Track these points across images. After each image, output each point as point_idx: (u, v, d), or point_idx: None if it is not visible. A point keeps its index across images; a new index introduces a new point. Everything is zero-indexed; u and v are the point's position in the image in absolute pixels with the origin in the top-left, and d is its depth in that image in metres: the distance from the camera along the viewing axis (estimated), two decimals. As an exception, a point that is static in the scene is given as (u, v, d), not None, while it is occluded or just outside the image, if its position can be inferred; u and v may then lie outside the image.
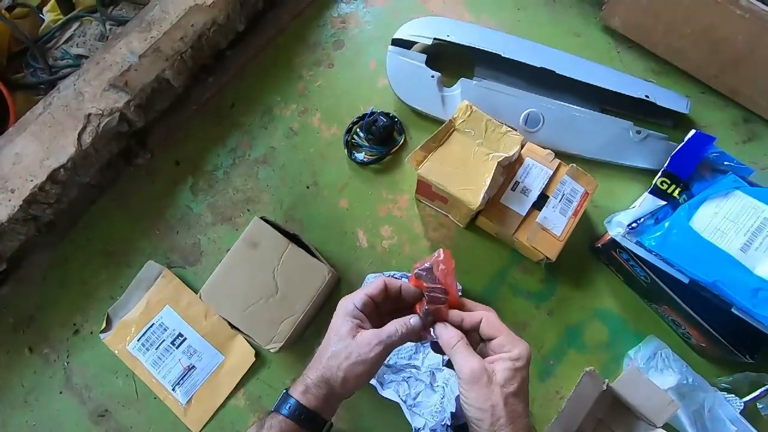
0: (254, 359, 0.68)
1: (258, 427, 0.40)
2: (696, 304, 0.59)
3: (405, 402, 0.62)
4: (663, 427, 0.59)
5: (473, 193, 0.62)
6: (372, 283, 0.44)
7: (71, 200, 0.73)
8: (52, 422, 0.69)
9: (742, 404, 0.60)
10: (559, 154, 0.69)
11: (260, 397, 0.68)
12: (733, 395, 0.62)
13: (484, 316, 0.42)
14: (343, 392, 0.41)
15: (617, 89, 0.74)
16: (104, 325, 0.71)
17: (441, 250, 0.48)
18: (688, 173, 0.62)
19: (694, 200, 0.60)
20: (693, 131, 0.64)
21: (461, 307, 0.45)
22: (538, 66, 0.75)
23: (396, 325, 0.41)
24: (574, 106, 0.75)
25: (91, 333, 0.72)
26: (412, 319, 0.42)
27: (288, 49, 0.85)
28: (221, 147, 0.80)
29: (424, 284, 0.44)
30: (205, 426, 0.67)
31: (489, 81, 0.77)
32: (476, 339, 0.43)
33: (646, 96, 0.74)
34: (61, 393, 0.70)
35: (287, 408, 0.40)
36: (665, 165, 0.63)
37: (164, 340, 0.69)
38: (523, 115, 0.75)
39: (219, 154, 0.80)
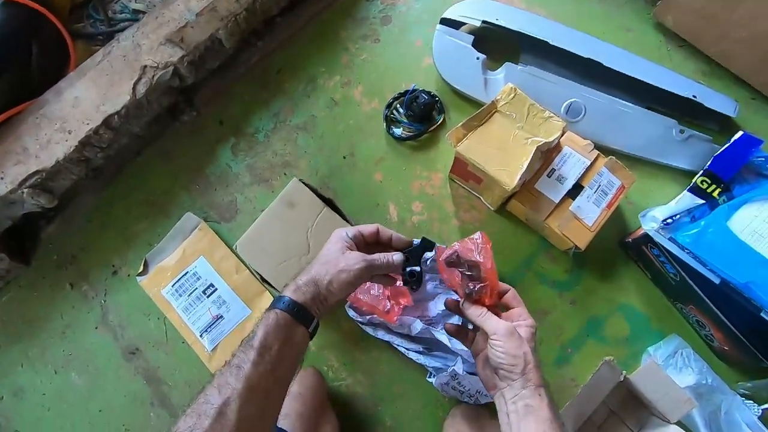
0: (279, 316, 0.71)
1: (258, 321, 0.44)
2: (724, 306, 0.58)
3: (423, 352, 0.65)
4: (676, 424, 0.59)
5: (509, 174, 0.63)
6: (367, 225, 0.51)
7: (120, 148, 0.76)
8: (87, 354, 0.73)
9: (761, 410, 0.60)
10: (597, 147, 0.69)
11: (282, 352, 0.71)
12: (751, 401, 0.62)
13: (511, 289, 0.50)
14: (327, 294, 0.46)
15: (664, 87, 0.74)
16: (141, 268, 0.74)
17: (480, 233, 0.49)
18: (731, 175, 0.61)
19: (735, 201, 0.60)
20: (740, 132, 0.63)
21: (498, 287, 0.49)
22: (585, 56, 0.75)
23: (380, 255, 0.49)
24: (619, 100, 0.75)
25: (129, 275, 0.76)
26: (395, 256, 0.50)
27: (336, 21, 0.86)
28: (264, 111, 0.82)
29: (458, 271, 0.48)
30: (227, 374, 0.70)
31: (534, 67, 0.77)
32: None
33: (694, 96, 0.73)
34: (96, 329, 0.74)
35: (282, 303, 0.44)
36: (708, 164, 0.62)
37: (196, 288, 0.72)
38: (565, 104, 0.74)
39: (261, 118, 0.82)
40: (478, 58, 0.77)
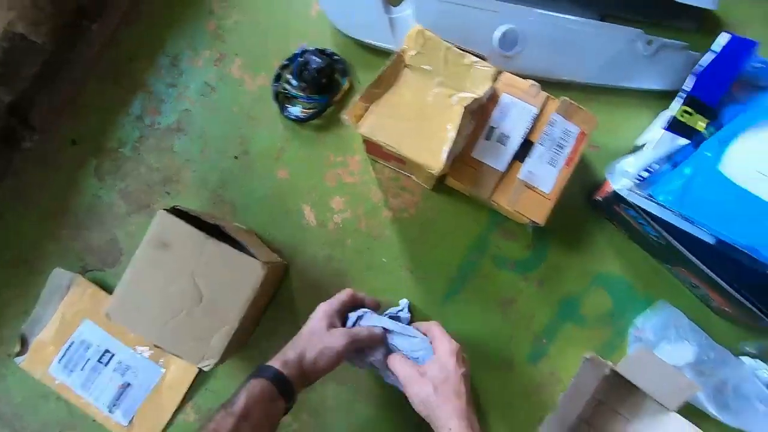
0: (198, 370, 0.59)
1: (240, 386, 0.44)
2: (721, 268, 0.46)
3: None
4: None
5: (433, 152, 0.47)
6: (342, 293, 0.52)
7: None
8: (-13, 456, 0.61)
9: (772, 374, 0.51)
10: (545, 85, 0.54)
11: (211, 409, 0.59)
12: (759, 361, 0.52)
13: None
14: (311, 372, 0.47)
15: (620, -16, 0.56)
16: (19, 347, 0.60)
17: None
18: (719, 96, 0.46)
19: (724, 132, 0.46)
20: (726, 35, 0.47)
21: None
22: (515, -37, 0.56)
23: (362, 329, 0.50)
24: (564, 16, 0.57)
25: (9, 356, 0.62)
26: (376, 329, 0.50)
27: (189, -26, 0.65)
28: (124, 116, 0.64)
29: None
30: (154, 446, 0.59)
31: (451, -8, 0.58)
32: None
33: (660, -10, 0.56)
34: (-10, 425, 0.62)
35: (269, 373, 0.44)
36: (689, 88, 0.47)
37: (89, 358, 0.59)
38: (497, 34, 0.57)
39: (123, 125, 0.64)
40: (375, -7, 0.58)
